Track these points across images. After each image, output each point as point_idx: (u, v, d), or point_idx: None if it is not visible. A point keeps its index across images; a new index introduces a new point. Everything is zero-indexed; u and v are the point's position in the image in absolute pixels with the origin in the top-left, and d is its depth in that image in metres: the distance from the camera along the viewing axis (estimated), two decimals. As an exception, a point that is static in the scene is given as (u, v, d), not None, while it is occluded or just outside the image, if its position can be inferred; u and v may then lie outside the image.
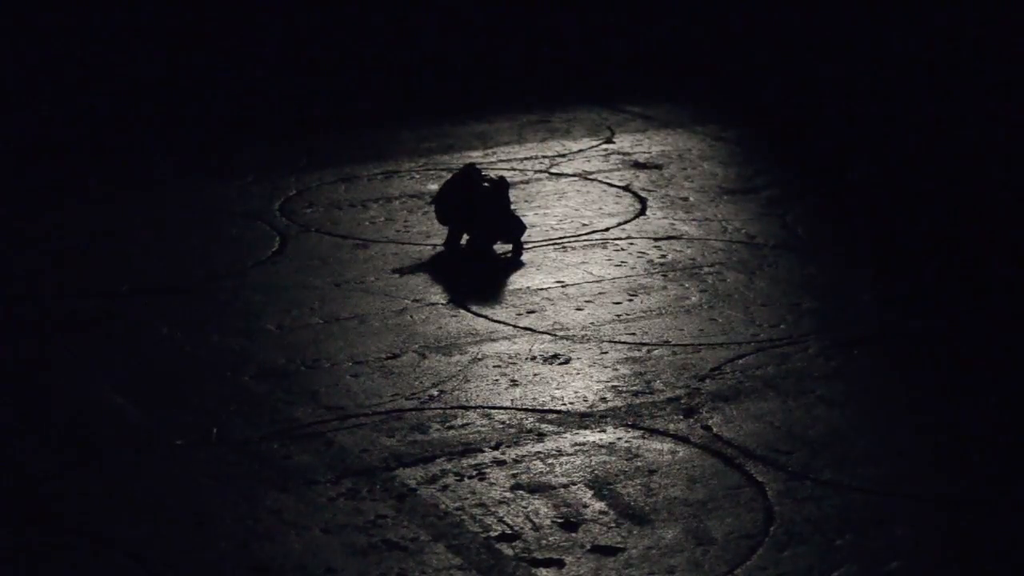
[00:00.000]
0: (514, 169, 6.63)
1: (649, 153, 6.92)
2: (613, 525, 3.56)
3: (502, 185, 5.58)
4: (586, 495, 3.71)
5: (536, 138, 7.20)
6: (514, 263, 5.43)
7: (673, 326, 4.81)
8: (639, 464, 3.87)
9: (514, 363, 4.52)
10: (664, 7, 9.31)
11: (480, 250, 5.53)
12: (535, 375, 4.44)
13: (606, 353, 4.59)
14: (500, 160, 6.78)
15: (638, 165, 6.72)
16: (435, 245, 5.58)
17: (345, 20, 9.14)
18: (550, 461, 3.88)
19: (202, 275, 5.31)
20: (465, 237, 5.58)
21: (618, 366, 4.50)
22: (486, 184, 5.57)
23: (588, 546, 3.47)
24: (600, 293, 5.11)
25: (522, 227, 5.58)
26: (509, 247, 5.55)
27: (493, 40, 9.10)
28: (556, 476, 3.80)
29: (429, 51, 8.93)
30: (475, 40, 9.09)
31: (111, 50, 8.53)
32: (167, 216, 6.01)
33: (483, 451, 3.94)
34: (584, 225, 5.86)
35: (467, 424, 4.10)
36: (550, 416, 4.16)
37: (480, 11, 9.25)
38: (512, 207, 5.62)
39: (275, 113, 7.72)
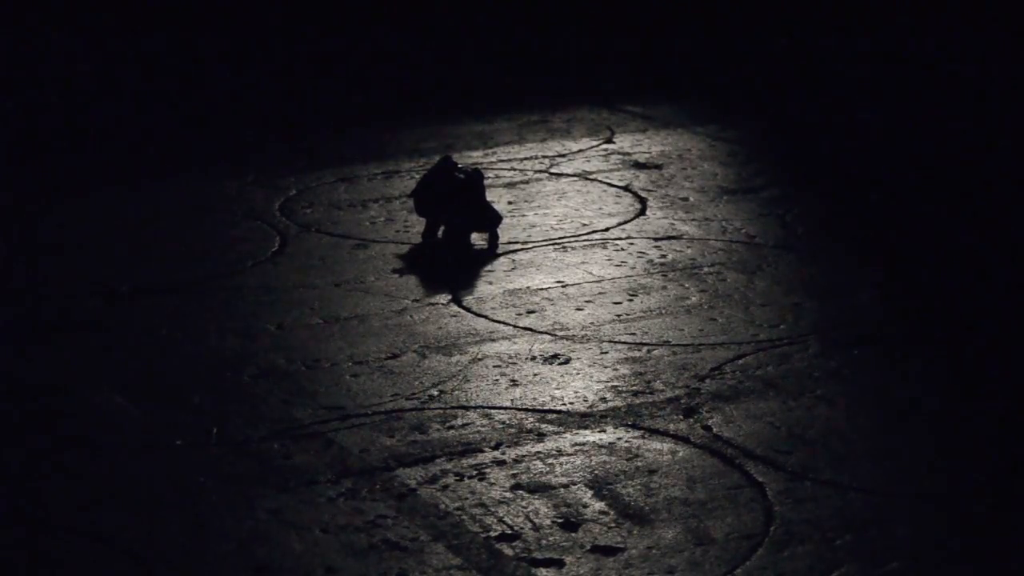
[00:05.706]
0: (514, 169, 6.63)
1: (649, 153, 6.91)
2: (613, 525, 3.56)
3: (477, 176, 5.59)
4: (586, 495, 3.70)
5: (536, 138, 7.19)
6: (513, 263, 5.42)
7: (673, 326, 4.81)
8: (639, 464, 3.87)
9: (514, 363, 4.52)
10: (664, 7, 9.31)
11: (457, 241, 5.55)
12: (535, 375, 4.44)
13: (606, 353, 4.59)
14: (500, 160, 6.78)
15: (638, 165, 6.72)
16: (432, 244, 5.58)
17: (345, 20, 9.14)
18: (550, 461, 3.88)
19: (202, 275, 5.31)
20: (442, 229, 5.60)
21: (618, 366, 4.49)
22: (461, 176, 5.59)
23: (588, 546, 3.47)
24: (600, 293, 5.11)
25: (498, 218, 5.61)
26: (486, 237, 5.59)
27: (493, 40, 9.09)
28: (556, 476, 3.80)
29: (429, 51, 8.93)
30: (475, 40, 9.09)
31: (109, 50, 8.53)
32: (167, 215, 6.00)
33: (483, 451, 3.93)
34: (584, 225, 5.86)
35: (467, 424, 4.10)
36: (550, 416, 4.15)
37: (480, 11, 9.25)
38: (489, 200, 5.64)
39: (275, 113, 7.72)
